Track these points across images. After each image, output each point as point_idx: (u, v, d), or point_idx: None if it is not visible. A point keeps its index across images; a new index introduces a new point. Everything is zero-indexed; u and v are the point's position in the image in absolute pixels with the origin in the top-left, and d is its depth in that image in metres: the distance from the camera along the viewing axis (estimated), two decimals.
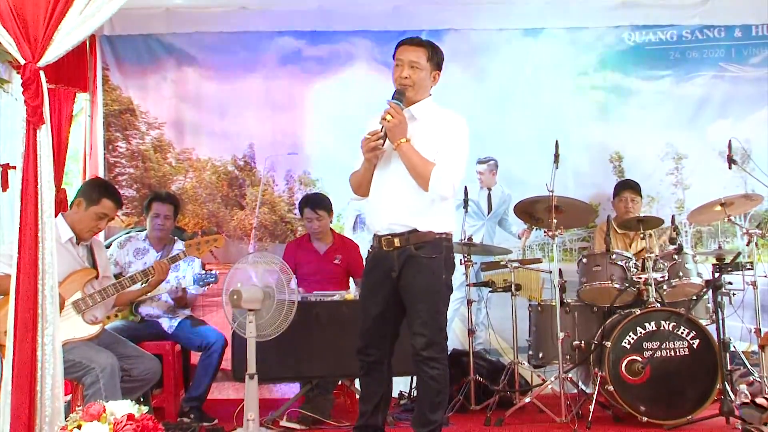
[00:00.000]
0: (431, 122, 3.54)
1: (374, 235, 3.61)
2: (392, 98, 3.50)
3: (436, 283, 3.46)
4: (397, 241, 3.48)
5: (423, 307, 3.43)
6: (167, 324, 4.97)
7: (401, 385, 5.24)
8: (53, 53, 3.14)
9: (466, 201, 5.41)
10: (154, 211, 5.04)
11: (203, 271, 4.87)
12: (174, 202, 5.14)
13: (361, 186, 3.68)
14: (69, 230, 4.06)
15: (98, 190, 4.18)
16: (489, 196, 6.17)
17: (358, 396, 4.78)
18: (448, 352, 3.69)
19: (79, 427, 2.88)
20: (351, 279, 5.45)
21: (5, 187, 3.95)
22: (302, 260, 5.34)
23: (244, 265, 4.15)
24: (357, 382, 4.95)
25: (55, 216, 3.26)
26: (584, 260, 5.07)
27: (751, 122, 6.10)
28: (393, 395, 3.96)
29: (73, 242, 4.08)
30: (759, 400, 4.07)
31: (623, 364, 4.55)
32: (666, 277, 4.84)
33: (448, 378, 3.53)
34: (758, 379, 4.70)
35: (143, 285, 4.41)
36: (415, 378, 5.11)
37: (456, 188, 3.49)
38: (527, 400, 4.82)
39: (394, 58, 3.59)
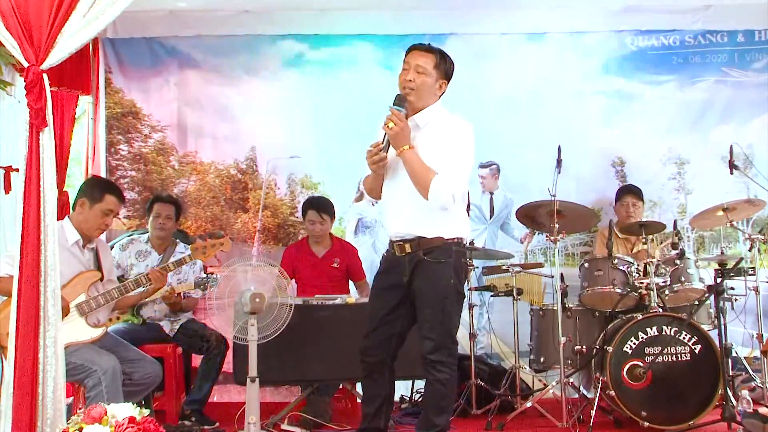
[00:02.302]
0: (436, 130, 3.50)
1: (389, 239, 3.62)
2: (393, 104, 3.46)
3: (444, 287, 3.44)
4: (408, 247, 3.48)
5: (430, 311, 3.43)
6: (169, 327, 4.97)
7: (403, 389, 5.24)
8: (56, 56, 3.15)
9: (468, 205, 5.41)
10: (155, 212, 5.05)
11: (204, 275, 4.88)
12: (175, 203, 5.16)
13: (374, 191, 3.71)
14: (75, 233, 4.07)
15: (100, 187, 4.19)
16: (491, 201, 6.17)
17: (359, 399, 4.78)
18: None
19: (80, 429, 2.87)
20: (351, 282, 5.46)
21: (8, 190, 3.98)
22: (301, 264, 5.36)
23: (244, 267, 4.15)
24: (358, 385, 4.95)
25: (58, 218, 3.25)
26: (586, 265, 5.06)
27: (754, 127, 6.10)
28: (395, 399, 3.93)
29: (79, 245, 4.09)
30: (762, 410, 4.05)
31: (625, 369, 4.55)
32: (668, 282, 4.85)
33: (456, 383, 3.52)
34: (760, 385, 4.69)
35: (145, 289, 4.42)
36: (416, 382, 5.14)
37: (456, 198, 3.43)
38: (528, 404, 4.80)
39: (404, 63, 3.57)
